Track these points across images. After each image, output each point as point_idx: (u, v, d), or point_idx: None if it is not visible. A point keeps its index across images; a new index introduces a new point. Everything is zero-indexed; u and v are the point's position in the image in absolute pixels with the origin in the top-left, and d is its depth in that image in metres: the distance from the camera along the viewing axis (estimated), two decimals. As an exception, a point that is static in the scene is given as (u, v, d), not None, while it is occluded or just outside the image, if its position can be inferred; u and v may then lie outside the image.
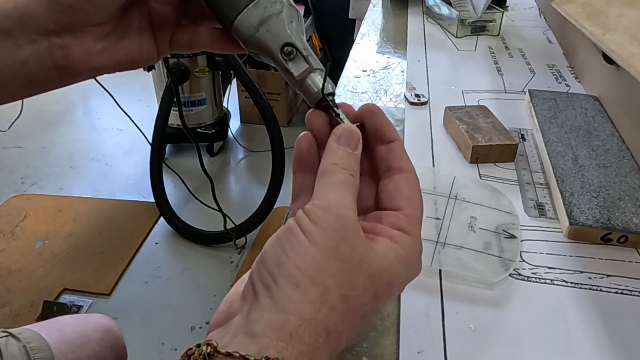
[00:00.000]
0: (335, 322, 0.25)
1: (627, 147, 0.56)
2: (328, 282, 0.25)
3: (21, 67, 0.31)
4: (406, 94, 0.71)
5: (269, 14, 0.32)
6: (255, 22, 0.32)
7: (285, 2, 0.32)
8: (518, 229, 0.45)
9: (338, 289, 0.25)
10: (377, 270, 0.26)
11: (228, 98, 2.24)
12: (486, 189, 0.51)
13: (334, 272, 0.25)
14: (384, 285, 0.27)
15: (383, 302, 0.27)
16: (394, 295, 0.29)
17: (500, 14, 0.94)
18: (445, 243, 0.43)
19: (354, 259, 0.26)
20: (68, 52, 0.32)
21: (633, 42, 0.49)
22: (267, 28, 0.32)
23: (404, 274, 0.28)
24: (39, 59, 0.31)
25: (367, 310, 0.26)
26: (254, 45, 0.32)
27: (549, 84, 0.76)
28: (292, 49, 0.32)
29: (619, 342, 0.36)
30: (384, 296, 0.27)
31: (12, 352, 0.59)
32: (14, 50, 0.30)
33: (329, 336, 0.25)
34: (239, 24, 0.32)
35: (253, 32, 0.32)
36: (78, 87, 2.94)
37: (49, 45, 0.31)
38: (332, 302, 0.25)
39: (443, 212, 0.47)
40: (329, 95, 0.32)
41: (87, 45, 0.32)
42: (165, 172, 1.77)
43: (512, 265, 0.41)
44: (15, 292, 1.51)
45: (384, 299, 0.27)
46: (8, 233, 1.74)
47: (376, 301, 0.27)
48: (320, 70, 0.32)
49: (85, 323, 0.69)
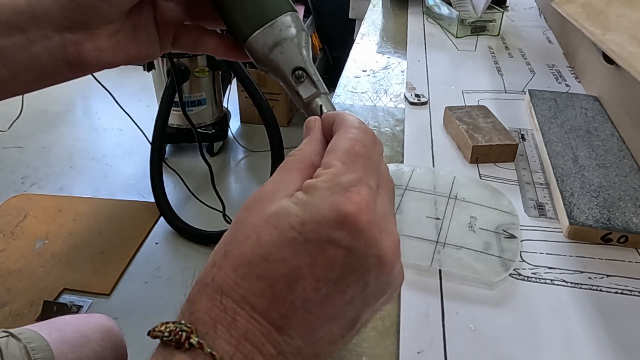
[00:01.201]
0: (212, 275, 0.25)
1: (627, 147, 0.56)
2: (218, 246, 0.26)
3: (32, 62, 0.31)
4: (406, 94, 0.71)
5: (284, 37, 0.33)
6: (270, 42, 0.33)
7: (300, 28, 0.34)
8: (518, 229, 0.46)
9: (222, 248, 0.26)
10: (263, 218, 0.25)
11: (228, 98, 2.24)
12: (486, 189, 0.51)
13: (225, 236, 0.26)
14: (269, 228, 0.24)
15: (277, 246, 0.24)
16: (300, 237, 0.24)
17: (500, 14, 0.95)
18: (445, 243, 0.43)
19: (243, 217, 0.26)
20: (80, 48, 0.32)
21: (633, 42, 0.49)
22: (281, 50, 0.33)
23: (300, 211, 0.24)
24: (51, 54, 0.32)
25: (254, 257, 0.24)
26: (266, 64, 0.34)
27: (549, 84, 0.76)
28: (303, 72, 0.33)
29: (619, 342, 0.36)
30: (271, 238, 0.24)
31: (12, 352, 0.59)
32: (26, 45, 0.31)
33: (204, 288, 0.25)
34: (254, 42, 0.33)
35: (267, 52, 0.33)
36: (78, 87, 2.96)
37: (61, 41, 0.32)
38: (213, 260, 0.25)
39: (443, 212, 0.47)
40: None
41: (99, 42, 0.33)
42: (165, 172, 1.77)
43: (512, 265, 0.41)
44: (15, 292, 1.51)
45: (274, 241, 0.24)
46: (8, 233, 1.74)
47: (261, 246, 0.24)
48: (326, 94, 0.34)
49: (86, 323, 0.69)
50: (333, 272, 0.24)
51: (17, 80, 0.32)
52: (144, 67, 1.97)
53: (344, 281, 0.25)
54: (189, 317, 0.25)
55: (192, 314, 0.25)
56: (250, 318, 0.24)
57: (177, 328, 0.24)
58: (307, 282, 0.24)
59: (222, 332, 0.24)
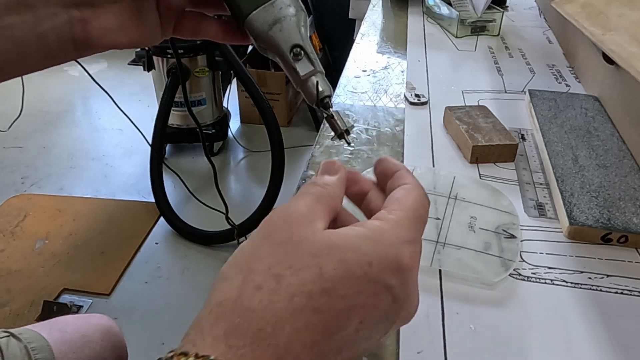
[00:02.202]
0: (261, 300, 0.23)
1: (627, 147, 0.56)
2: (255, 265, 0.24)
3: (40, 40, 0.32)
4: (406, 94, 0.71)
5: (283, 15, 0.34)
6: (269, 20, 0.34)
7: (299, 7, 0.35)
8: (518, 229, 0.46)
9: (267, 270, 0.24)
10: (324, 247, 0.24)
11: (228, 98, 2.24)
12: (486, 189, 0.51)
13: (265, 255, 0.24)
14: (334, 261, 0.24)
15: (341, 282, 0.23)
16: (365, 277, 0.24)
17: (500, 14, 0.95)
18: (445, 243, 0.43)
19: (292, 241, 0.24)
20: (87, 26, 0.33)
21: (633, 42, 0.49)
22: (280, 28, 0.34)
23: (370, 251, 0.24)
24: (58, 33, 0.32)
25: (315, 289, 0.23)
26: (265, 41, 0.34)
27: (549, 84, 0.76)
28: (301, 50, 0.34)
29: (619, 342, 0.36)
30: (336, 273, 0.23)
31: (13, 353, 0.59)
32: (35, 23, 0.31)
33: (250, 315, 0.22)
34: (254, 19, 0.34)
35: (266, 30, 0.34)
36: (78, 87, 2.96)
37: (68, 19, 0.32)
38: (258, 282, 0.23)
39: (443, 212, 0.47)
40: (327, 97, 0.34)
41: (104, 21, 0.34)
42: (165, 172, 1.77)
43: (512, 265, 0.41)
44: (15, 292, 1.51)
45: (339, 277, 0.24)
46: (8, 233, 1.74)
47: (324, 279, 0.23)
48: (322, 73, 0.34)
49: (86, 323, 0.69)
50: (374, 316, 0.25)
51: (24, 59, 0.33)
52: (144, 67, 1.97)
53: (377, 326, 0.25)
54: (226, 351, 0.22)
55: (230, 347, 0.22)
56: (297, 358, 0.22)
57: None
58: (353, 323, 0.24)
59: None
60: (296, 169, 1.97)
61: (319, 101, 0.34)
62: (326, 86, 0.34)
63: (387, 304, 0.25)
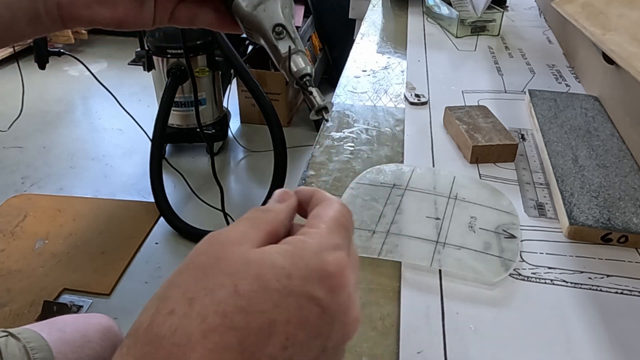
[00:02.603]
0: (171, 325, 0.22)
1: (627, 147, 0.56)
2: (171, 292, 0.23)
3: (29, 3, 0.33)
4: (406, 94, 0.71)
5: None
6: (255, 1, 0.36)
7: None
8: (518, 229, 0.46)
9: (182, 294, 0.23)
10: (240, 265, 0.23)
11: (228, 98, 2.24)
12: (486, 189, 0.51)
13: (182, 280, 0.23)
14: (250, 277, 0.23)
15: (258, 297, 0.23)
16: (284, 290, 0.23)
17: (500, 14, 0.95)
18: (445, 243, 0.43)
19: (209, 263, 0.24)
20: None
21: (633, 42, 0.49)
22: (264, 8, 0.36)
23: (288, 264, 0.24)
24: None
25: (229, 307, 0.22)
26: (250, 22, 0.36)
27: (549, 84, 0.76)
28: (283, 29, 0.36)
29: (619, 342, 0.36)
30: (252, 289, 0.23)
31: (12, 352, 0.59)
32: None
33: (160, 342, 0.22)
34: (240, 0, 0.36)
35: (251, 10, 0.36)
36: (78, 87, 2.95)
37: None
38: (171, 307, 0.22)
39: (443, 212, 0.47)
40: (306, 76, 0.36)
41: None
42: (165, 172, 1.77)
43: (512, 265, 0.41)
44: (15, 292, 1.51)
45: (255, 292, 0.23)
46: (8, 233, 1.74)
47: (239, 295, 0.22)
48: (303, 52, 0.36)
49: (86, 323, 0.69)
50: (303, 331, 0.23)
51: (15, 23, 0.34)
52: (144, 67, 1.97)
53: (308, 344, 0.24)
54: None
55: None
56: None
57: None
58: (278, 339, 0.23)
59: None
60: (296, 169, 1.97)
61: (300, 78, 0.35)
62: (307, 64, 0.36)
63: (316, 317, 0.24)
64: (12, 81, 2.12)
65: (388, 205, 0.48)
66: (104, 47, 3.20)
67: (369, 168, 0.54)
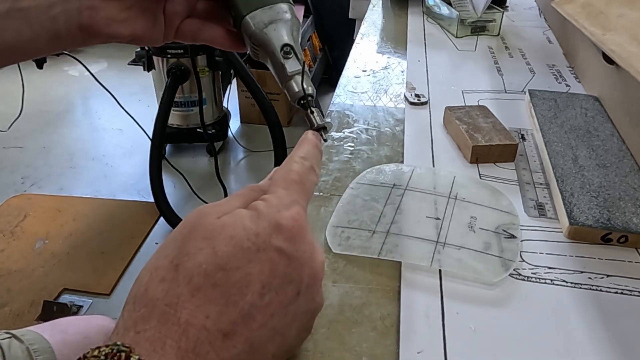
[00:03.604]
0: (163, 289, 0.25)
1: (627, 147, 0.56)
2: (160, 262, 0.26)
3: (50, 23, 0.35)
4: (406, 94, 0.71)
5: (280, 17, 0.37)
6: (266, 20, 0.37)
7: (294, 16, 0.38)
8: (518, 229, 0.46)
9: (170, 263, 0.26)
10: (216, 229, 0.27)
11: (228, 98, 2.24)
12: (486, 189, 0.51)
13: (169, 251, 0.27)
14: (225, 239, 0.26)
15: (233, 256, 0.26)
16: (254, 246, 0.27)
17: (500, 14, 0.95)
18: (445, 243, 0.43)
19: (186, 232, 0.27)
20: (94, 14, 0.36)
21: (633, 42, 0.49)
22: (275, 27, 0.37)
23: (254, 225, 0.27)
24: (67, 17, 0.35)
25: (210, 267, 0.26)
26: (259, 39, 0.37)
27: (549, 84, 0.76)
28: (291, 50, 0.37)
29: (619, 342, 0.36)
30: (228, 249, 0.26)
31: (15, 354, 0.59)
32: (48, 7, 0.34)
33: (154, 303, 0.25)
34: (251, 18, 0.37)
35: (262, 27, 0.37)
36: (78, 87, 2.96)
37: (79, 6, 0.35)
38: (162, 275, 0.26)
39: (443, 212, 0.47)
40: (309, 96, 0.37)
41: (111, 12, 0.36)
42: (165, 172, 1.77)
43: (512, 265, 0.41)
44: (15, 292, 1.51)
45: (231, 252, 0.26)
46: (8, 233, 1.74)
47: (217, 256, 0.26)
48: (308, 74, 0.37)
49: (88, 324, 0.69)
50: (276, 279, 0.27)
51: (35, 41, 0.35)
52: (144, 67, 1.97)
53: (283, 289, 0.27)
54: (135, 337, 0.24)
55: (138, 333, 0.24)
56: (202, 328, 0.25)
57: (114, 350, 0.23)
58: (255, 288, 0.26)
59: (170, 347, 0.24)
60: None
61: (303, 97, 0.37)
62: (310, 85, 0.37)
63: (285, 265, 0.27)
64: (12, 81, 2.12)
65: (388, 205, 0.48)
66: (104, 47, 3.20)
67: (369, 168, 0.54)
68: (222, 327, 0.25)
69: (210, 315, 0.25)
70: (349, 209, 0.48)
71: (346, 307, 0.38)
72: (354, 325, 0.37)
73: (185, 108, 2.04)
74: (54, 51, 0.37)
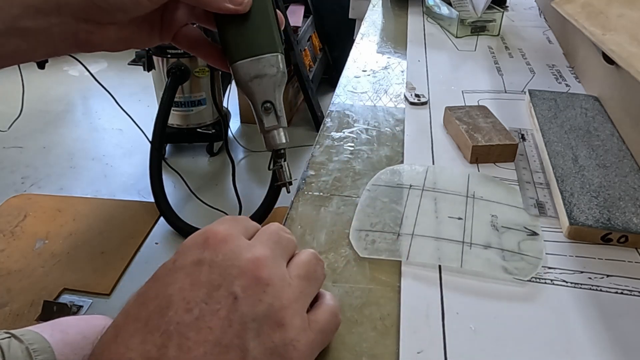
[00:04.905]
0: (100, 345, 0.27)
1: (627, 147, 0.56)
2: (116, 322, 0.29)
3: (48, 40, 0.35)
4: (406, 94, 0.71)
5: (265, 73, 0.38)
6: (252, 73, 0.38)
7: (280, 70, 0.38)
8: (539, 226, 0.45)
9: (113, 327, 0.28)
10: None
11: (228, 98, 2.24)
12: (501, 186, 0.51)
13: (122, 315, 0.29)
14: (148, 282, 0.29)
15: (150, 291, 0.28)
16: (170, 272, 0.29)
17: (500, 14, 0.95)
18: (472, 243, 0.43)
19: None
20: (91, 36, 0.36)
21: (633, 42, 0.49)
22: (259, 82, 0.38)
23: (174, 256, 0.29)
24: (65, 36, 0.36)
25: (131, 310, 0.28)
26: (244, 89, 0.39)
27: (549, 84, 0.76)
28: (271, 106, 0.39)
29: (619, 342, 0.36)
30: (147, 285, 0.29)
31: (14, 354, 0.59)
32: (47, 28, 0.35)
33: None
34: (239, 67, 0.38)
35: (247, 80, 0.38)
36: (78, 87, 2.95)
37: (76, 29, 0.35)
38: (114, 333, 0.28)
39: (464, 211, 0.47)
40: (281, 149, 0.41)
41: (108, 34, 0.37)
42: (165, 172, 1.77)
43: (539, 263, 0.41)
44: (15, 292, 1.51)
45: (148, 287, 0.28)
46: (8, 233, 1.74)
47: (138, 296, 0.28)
48: (284, 128, 0.40)
49: (88, 324, 0.69)
50: (201, 290, 0.26)
51: (31, 52, 0.36)
52: (144, 67, 1.97)
53: (213, 298, 0.26)
54: None
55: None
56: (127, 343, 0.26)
57: None
58: (178, 306, 0.26)
59: None
60: (296, 169, 1.96)
61: (276, 151, 0.40)
62: (285, 139, 0.40)
63: (206, 273, 0.27)
64: (12, 81, 2.12)
65: (408, 206, 0.48)
66: (104, 47, 3.20)
67: (383, 169, 0.54)
68: (148, 355, 0.25)
69: (131, 346, 0.25)
70: (370, 211, 0.47)
71: (346, 307, 0.38)
72: (354, 325, 0.37)
73: (185, 108, 2.04)
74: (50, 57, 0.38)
